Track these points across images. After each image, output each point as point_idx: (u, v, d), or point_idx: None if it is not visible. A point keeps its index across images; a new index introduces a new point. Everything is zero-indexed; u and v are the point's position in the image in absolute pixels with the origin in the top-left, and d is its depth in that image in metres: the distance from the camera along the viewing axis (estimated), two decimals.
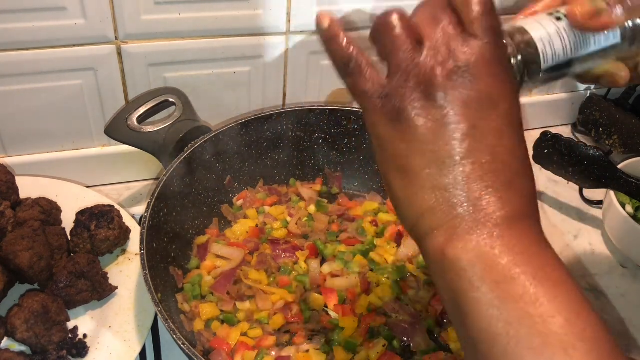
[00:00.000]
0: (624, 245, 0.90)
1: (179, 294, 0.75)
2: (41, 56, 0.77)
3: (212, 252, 0.79)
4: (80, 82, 0.81)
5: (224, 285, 0.75)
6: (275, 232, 0.83)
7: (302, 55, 0.89)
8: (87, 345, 0.69)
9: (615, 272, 0.90)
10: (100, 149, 0.90)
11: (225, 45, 0.84)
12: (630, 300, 0.86)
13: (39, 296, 0.68)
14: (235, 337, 0.71)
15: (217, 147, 0.82)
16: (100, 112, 0.85)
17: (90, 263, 0.72)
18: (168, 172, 0.75)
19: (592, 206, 0.99)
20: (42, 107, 0.82)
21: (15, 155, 0.87)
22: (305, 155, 0.91)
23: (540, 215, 0.42)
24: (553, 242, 0.42)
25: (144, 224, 0.69)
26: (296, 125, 0.87)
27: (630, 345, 0.80)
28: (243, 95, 0.91)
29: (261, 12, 0.82)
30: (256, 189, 0.89)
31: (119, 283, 0.75)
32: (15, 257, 0.69)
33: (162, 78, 0.85)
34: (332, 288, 0.76)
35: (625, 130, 1.03)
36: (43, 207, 0.77)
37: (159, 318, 0.63)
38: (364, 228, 0.84)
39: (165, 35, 0.80)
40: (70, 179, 0.88)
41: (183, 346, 0.60)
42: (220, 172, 0.85)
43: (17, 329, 0.66)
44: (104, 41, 0.78)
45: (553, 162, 0.91)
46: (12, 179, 0.79)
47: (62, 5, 0.73)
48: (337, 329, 0.73)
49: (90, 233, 0.75)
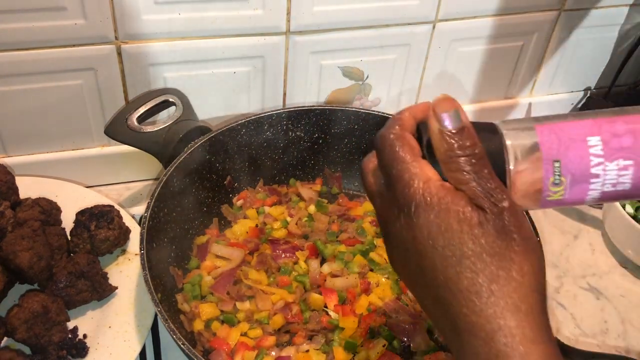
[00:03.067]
0: (624, 245, 0.90)
1: (179, 294, 0.75)
2: (41, 56, 0.77)
3: (212, 252, 0.79)
4: (80, 82, 0.81)
5: (224, 285, 0.75)
6: (275, 232, 0.83)
7: (302, 55, 0.89)
8: (87, 345, 0.69)
9: (615, 272, 0.90)
10: (100, 149, 0.90)
11: (225, 45, 0.84)
12: (630, 300, 0.86)
13: (38, 296, 0.68)
14: (235, 337, 0.71)
15: (217, 147, 0.82)
16: (100, 112, 0.85)
17: (90, 263, 0.72)
18: (168, 172, 0.75)
19: (592, 206, 0.99)
20: (42, 107, 0.82)
21: (15, 155, 0.87)
22: (305, 155, 0.91)
23: (536, 224, 0.41)
24: (553, 242, 0.41)
25: (144, 224, 0.69)
26: (296, 125, 0.87)
27: (630, 346, 0.80)
28: (243, 95, 0.91)
29: (261, 12, 0.82)
30: (256, 189, 0.89)
31: (119, 283, 0.75)
32: (15, 257, 0.69)
33: (162, 78, 0.85)
34: (332, 288, 0.76)
35: None
36: (43, 207, 0.77)
37: (159, 318, 0.63)
38: (364, 228, 0.84)
39: (165, 35, 0.80)
40: (70, 179, 0.88)
41: (183, 346, 0.60)
42: (220, 172, 0.85)
43: (17, 329, 0.66)
44: (104, 41, 0.78)
45: None
46: (12, 179, 0.79)
47: (62, 5, 0.73)
48: (337, 329, 0.73)
49: (90, 233, 0.75)
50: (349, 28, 0.88)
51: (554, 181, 0.40)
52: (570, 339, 0.80)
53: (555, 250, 0.91)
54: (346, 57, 0.92)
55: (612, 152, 0.40)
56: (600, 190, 0.41)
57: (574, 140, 0.40)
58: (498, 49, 1.00)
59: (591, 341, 0.80)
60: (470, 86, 1.04)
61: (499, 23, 0.96)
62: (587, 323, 0.83)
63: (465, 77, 1.02)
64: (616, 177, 0.40)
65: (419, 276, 0.41)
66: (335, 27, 0.87)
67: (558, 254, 0.90)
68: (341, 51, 0.91)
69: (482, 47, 0.99)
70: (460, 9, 0.92)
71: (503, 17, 0.96)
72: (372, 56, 0.93)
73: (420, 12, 0.90)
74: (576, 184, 0.40)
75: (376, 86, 0.98)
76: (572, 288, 0.87)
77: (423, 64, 0.98)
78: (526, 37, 1.00)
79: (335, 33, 0.88)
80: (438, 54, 0.97)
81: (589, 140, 0.40)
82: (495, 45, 0.99)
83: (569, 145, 0.40)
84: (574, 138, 0.40)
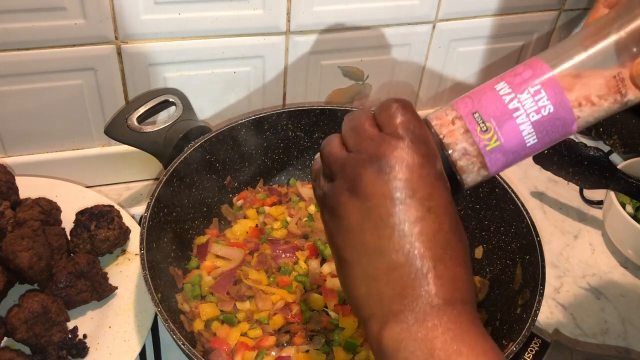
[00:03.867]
0: (624, 245, 0.90)
1: (179, 294, 0.75)
2: (41, 56, 0.77)
3: (212, 252, 0.79)
4: (80, 82, 0.81)
5: (224, 285, 0.75)
6: (275, 232, 0.83)
7: (302, 55, 0.89)
8: (87, 345, 0.69)
9: (615, 272, 0.90)
10: (100, 149, 0.90)
11: (225, 45, 0.84)
12: (630, 300, 0.86)
13: (38, 296, 0.68)
14: (235, 337, 0.71)
15: (217, 147, 0.82)
16: (100, 112, 0.85)
17: (90, 263, 0.72)
18: (168, 172, 0.75)
19: (592, 206, 0.99)
20: (42, 107, 0.82)
21: (15, 155, 0.87)
22: (305, 155, 0.91)
23: (536, 224, 0.42)
24: (553, 242, 0.42)
25: (143, 224, 0.69)
26: (296, 125, 0.87)
27: (630, 346, 0.80)
28: (243, 95, 0.91)
29: (261, 12, 0.82)
30: (256, 189, 0.89)
31: (119, 283, 0.75)
32: (15, 257, 0.69)
33: (162, 78, 0.85)
34: (332, 288, 0.76)
35: (625, 130, 1.03)
36: (43, 207, 0.77)
37: (159, 318, 0.63)
38: None
39: (165, 35, 0.80)
40: (70, 179, 0.88)
41: (183, 346, 0.60)
42: (220, 172, 0.85)
43: (17, 329, 0.66)
44: (104, 41, 0.78)
45: (553, 162, 0.91)
46: (12, 179, 0.79)
47: (62, 5, 0.73)
48: (337, 329, 0.73)
49: (90, 233, 0.75)
50: (349, 28, 0.88)
51: (482, 128, 0.43)
52: (570, 339, 0.80)
53: (555, 250, 0.91)
54: (346, 57, 0.92)
55: (519, 85, 0.44)
56: (529, 121, 0.43)
57: (483, 92, 0.45)
58: (498, 49, 1.00)
59: (591, 341, 0.80)
60: (470, 86, 1.04)
61: (499, 23, 0.96)
62: (587, 323, 0.83)
63: (465, 77, 1.02)
64: (534, 103, 0.43)
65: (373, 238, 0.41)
66: (335, 27, 0.87)
67: (558, 254, 0.90)
68: (341, 51, 0.91)
69: (482, 47, 0.99)
70: (460, 9, 0.92)
71: (503, 17, 0.96)
72: (372, 56, 0.93)
73: (420, 12, 0.90)
74: (502, 123, 0.43)
75: (376, 86, 0.98)
76: (572, 288, 0.87)
77: (423, 64, 0.98)
78: (526, 37, 1.00)
79: (335, 33, 0.88)
80: (438, 54, 0.97)
81: (496, 87, 0.44)
82: (495, 45, 0.99)
83: (481, 97, 0.44)
84: (484, 91, 0.45)
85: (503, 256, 0.78)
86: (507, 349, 0.63)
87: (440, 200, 0.41)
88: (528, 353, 0.67)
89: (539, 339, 0.69)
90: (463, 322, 0.39)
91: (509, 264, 0.76)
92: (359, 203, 0.41)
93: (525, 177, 1.02)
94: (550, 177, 0.97)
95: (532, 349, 0.68)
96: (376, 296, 0.40)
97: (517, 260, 0.75)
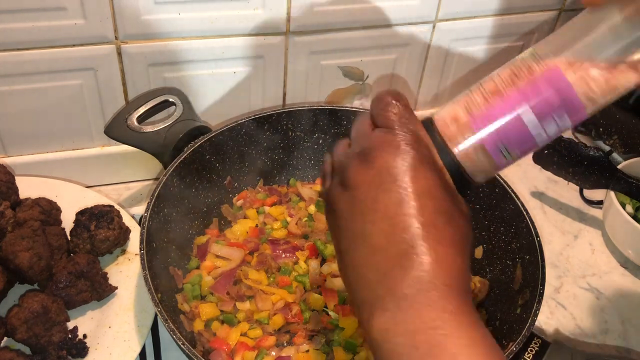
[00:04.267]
0: (624, 245, 0.90)
1: (179, 294, 0.75)
2: (41, 56, 0.77)
3: (212, 252, 0.79)
4: (80, 82, 0.81)
5: (224, 285, 0.75)
6: (275, 232, 0.83)
7: (302, 55, 0.89)
8: (87, 345, 0.69)
9: (615, 272, 0.90)
10: (100, 149, 0.90)
11: (225, 45, 0.84)
12: (630, 300, 0.86)
13: (38, 296, 0.68)
14: (235, 337, 0.71)
15: (217, 147, 0.82)
16: (100, 112, 0.85)
17: (90, 263, 0.72)
18: (168, 172, 0.75)
19: (592, 206, 0.99)
20: (42, 107, 0.82)
21: (15, 155, 0.86)
22: (305, 155, 0.91)
23: (536, 224, 0.42)
24: (553, 242, 0.42)
25: (143, 224, 0.69)
26: (296, 125, 0.87)
27: (630, 346, 0.80)
28: (243, 95, 0.91)
29: (261, 12, 0.82)
30: (256, 189, 0.89)
31: (119, 283, 0.75)
32: (15, 257, 0.69)
33: (162, 78, 0.85)
34: (332, 288, 0.76)
35: (625, 130, 1.03)
36: (43, 207, 0.77)
37: (159, 318, 0.63)
38: None
39: (165, 35, 0.80)
40: (70, 179, 0.88)
41: (183, 346, 0.60)
42: (220, 172, 0.85)
43: (17, 329, 0.66)
44: (104, 41, 0.78)
45: (553, 162, 0.91)
46: (12, 179, 0.79)
47: (62, 5, 0.73)
48: (337, 329, 0.73)
49: (90, 233, 0.75)
50: (349, 28, 0.88)
51: (502, 154, 0.45)
52: (570, 339, 0.80)
53: (555, 250, 0.91)
54: (346, 57, 0.92)
55: (545, 116, 0.43)
56: (545, 135, 0.44)
57: (506, 118, 0.44)
58: (498, 49, 1.00)
59: (591, 341, 0.80)
60: (470, 86, 1.04)
61: (499, 23, 0.96)
62: (587, 323, 0.83)
63: (465, 77, 1.02)
64: (557, 126, 0.43)
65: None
66: (335, 27, 0.87)
67: (558, 254, 0.90)
68: (341, 51, 0.91)
69: (482, 47, 0.99)
70: (460, 9, 0.92)
71: (503, 17, 0.96)
72: (372, 56, 0.93)
73: (420, 12, 0.90)
74: (522, 146, 0.44)
75: (376, 86, 0.98)
76: (572, 288, 0.87)
77: (423, 64, 0.98)
78: (526, 37, 1.00)
79: (335, 33, 0.88)
80: (438, 54, 0.97)
81: (522, 116, 0.43)
82: (495, 45, 0.99)
83: (507, 126, 0.44)
84: (504, 113, 0.44)
85: (503, 256, 0.78)
86: (507, 349, 0.63)
87: (424, 183, 0.41)
88: (528, 353, 0.67)
89: (539, 339, 0.69)
90: (448, 309, 0.37)
91: (509, 264, 0.76)
92: (347, 194, 0.43)
93: (525, 177, 1.02)
94: (550, 177, 0.97)
95: (532, 349, 0.68)
96: (362, 282, 0.41)
97: (517, 260, 0.75)
